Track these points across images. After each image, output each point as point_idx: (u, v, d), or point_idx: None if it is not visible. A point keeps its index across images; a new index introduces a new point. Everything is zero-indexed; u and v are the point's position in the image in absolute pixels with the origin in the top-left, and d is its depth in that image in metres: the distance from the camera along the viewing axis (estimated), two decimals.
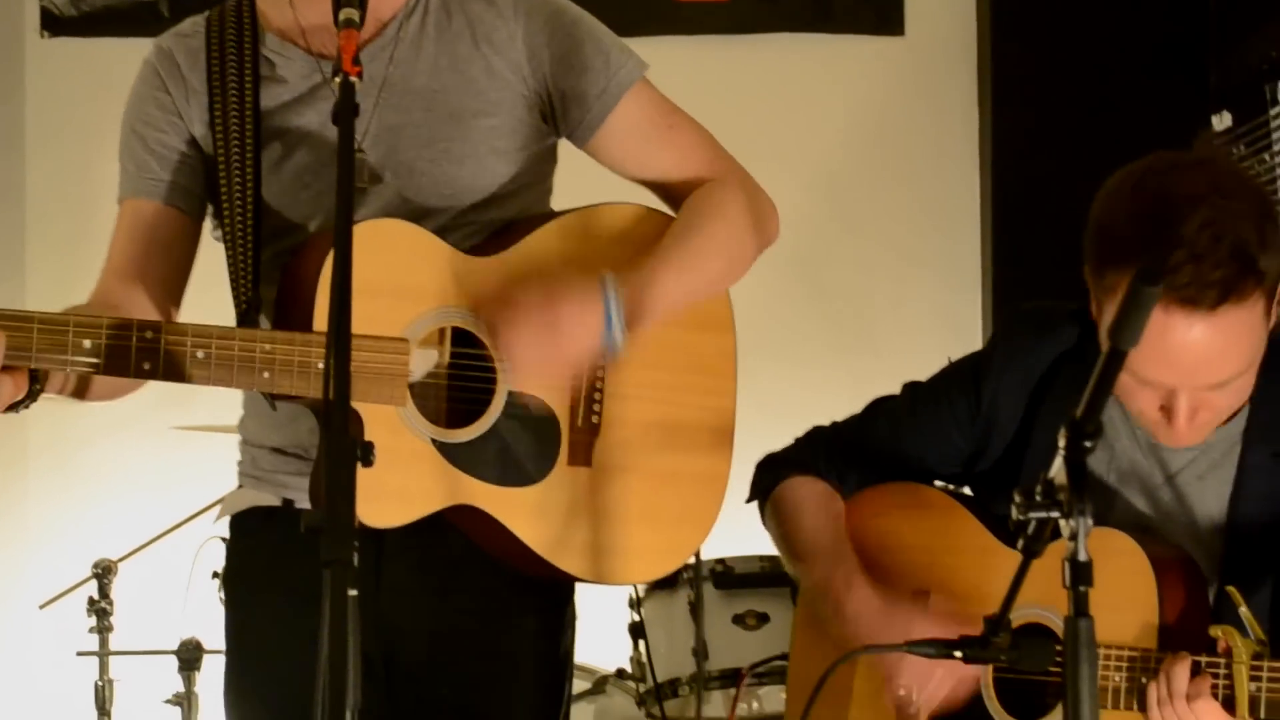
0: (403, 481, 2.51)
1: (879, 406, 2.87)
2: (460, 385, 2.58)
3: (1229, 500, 2.55)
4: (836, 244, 5.48)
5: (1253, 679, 2.30)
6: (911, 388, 2.85)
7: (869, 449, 2.84)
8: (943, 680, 2.59)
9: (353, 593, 1.97)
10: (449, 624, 2.64)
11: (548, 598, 2.70)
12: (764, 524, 2.92)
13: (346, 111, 2.13)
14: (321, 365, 2.41)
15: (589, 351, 2.53)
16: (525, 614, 2.69)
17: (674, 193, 2.72)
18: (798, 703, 2.90)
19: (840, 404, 2.94)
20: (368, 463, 2.02)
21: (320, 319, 2.44)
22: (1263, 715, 2.30)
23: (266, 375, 2.44)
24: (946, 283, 5.49)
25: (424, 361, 2.57)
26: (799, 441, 2.92)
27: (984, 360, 2.75)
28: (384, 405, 2.48)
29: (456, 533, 2.58)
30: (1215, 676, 2.32)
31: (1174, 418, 2.43)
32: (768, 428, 2.92)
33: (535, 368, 2.53)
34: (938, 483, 2.84)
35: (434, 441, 2.53)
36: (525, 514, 2.57)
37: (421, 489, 2.52)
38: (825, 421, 2.93)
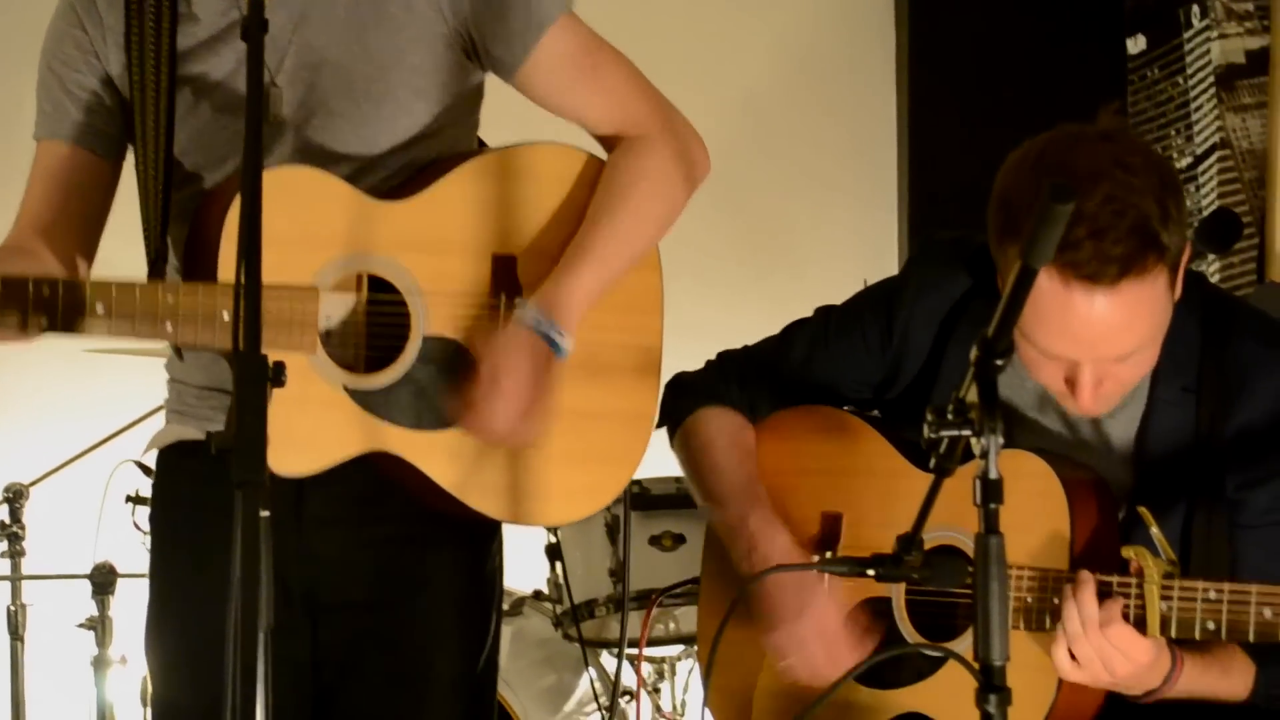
0: (314, 429, 2.50)
1: (792, 331, 2.87)
2: (374, 332, 2.57)
3: (1137, 433, 2.57)
4: (755, 168, 5.47)
5: (1164, 599, 2.32)
6: (825, 313, 2.85)
7: (781, 374, 2.84)
8: (813, 656, 2.62)
9: (264, 513, 1.96)
10: (372, 554, 2.64)
11: (472, 527, 2.69)
12: (673, 450, 2.92)
13: (255, 25, 2.07)
14: (226, 315, 2.39)
15: (550, 379, 2.54)
16: (449, 543, 2.68)
17: (601, 133, 2.70)
18: (709, 624, 2.91)
19: (759, 326, 2.94)
20: (279, 382, 2.00)
21: (224, 268, 2.42)
22: (1174, 634, 2.33)
23: (169, 326, 2.41)
24: (864, 206, 5.50)
25: (336, 308, 2.55)
26: (710, 366, 2.92)
27: (897, 289, 2.75)
28: (294, 353, 2.45)
29: (380, 467, 2.57)
30: (1127, 597, 2.34)
31: (1078, 389, 2.44)
32: (687, 350, 2.92)
33: (518, 433, 2.54)
34: (848, 407, 2.85)
35: (346, 388, 2.51)
36: (442, 458, 2.56)
37: (334, 436, 2.51)
38: (744, 343, 2.93)
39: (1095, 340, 2.38)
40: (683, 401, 2.88)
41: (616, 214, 2.61)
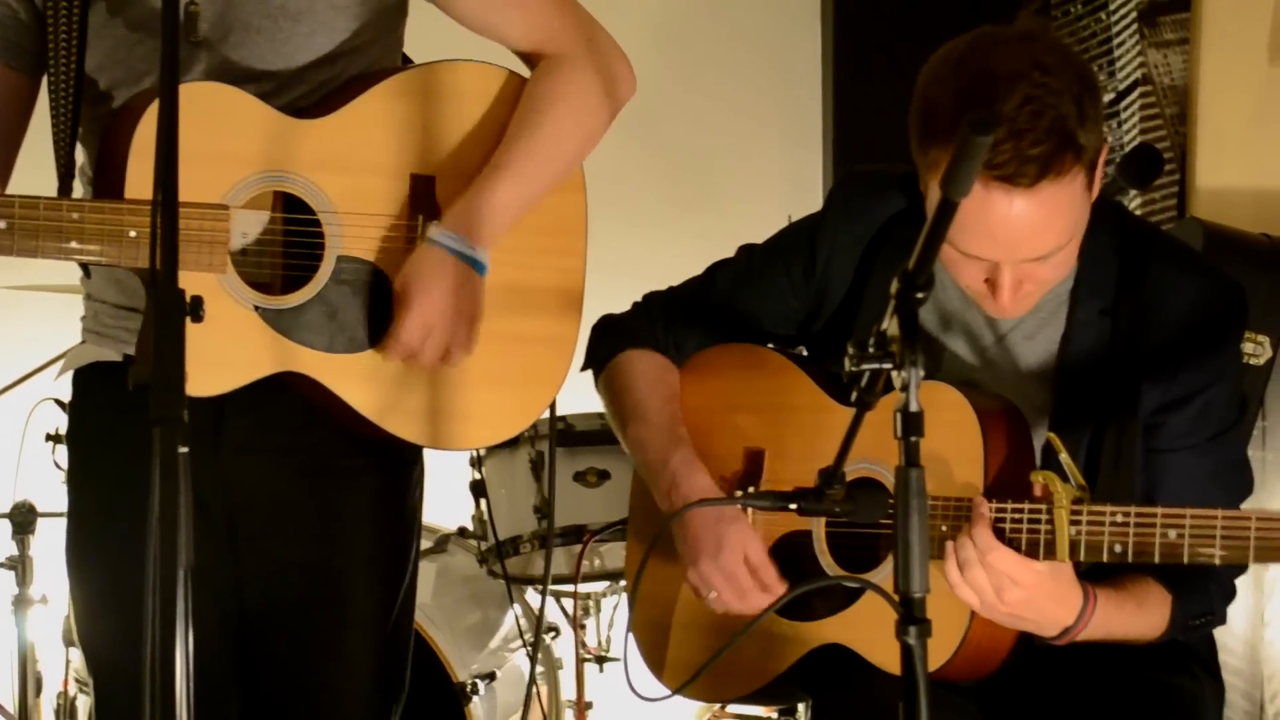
0: (224, 349, 2.47)
1: (715, 270, 2.88)
2: (288, 252, 2.55)
3: (1057, 355, 2.59)
4: (678, 102, 5.45)
5: (1073, 523, 2.33)
6: (748, 251, 2.86)
7: (706, 313, 2.85)
8: (734, 592, 2.63)
9: (183, 450, 1.94)
10: (291, 483, 2.63)
11: (393, 456, 2.69)
12: (598, 393, 2.92)
13: None
14: (134, 233, 2.36)
15: (476, 296, 2.54)
16: (369, 472, 2.68)
17: (523, 50, 2.68)
18: (635, 558, 2.93)
19: (684, 262, 2.94)
20: (197, 318, 1.98)
21: (132, 185, 2.39)
22: (1082, 557, 2.34)
23: (75, 244, 2.37)
24: (788, 142, 5.49)
25: (248, 227, 2.52)
26: (635, 307, 2.92)
27: (818, 222, 2.75)
28: (204, 273, 2.43)
29: (297, 392, 2.56)
30: (1037, 522, 2.35)
31: (998, 291, 2.45)
32: (612, 287, 2.91)
33: (454, 345, 2.54)
34: (771, 344, 2.85)
35: (257, 308, 2.49)
36: (357, 381, 2.54)
37: (244, 357, 2.49)
38: (669, 279, 2.93)
39: (1015, 241, 2.39)
40: (607, 343, 2.88)
41: (535, 131, 2.59)
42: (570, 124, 2.63)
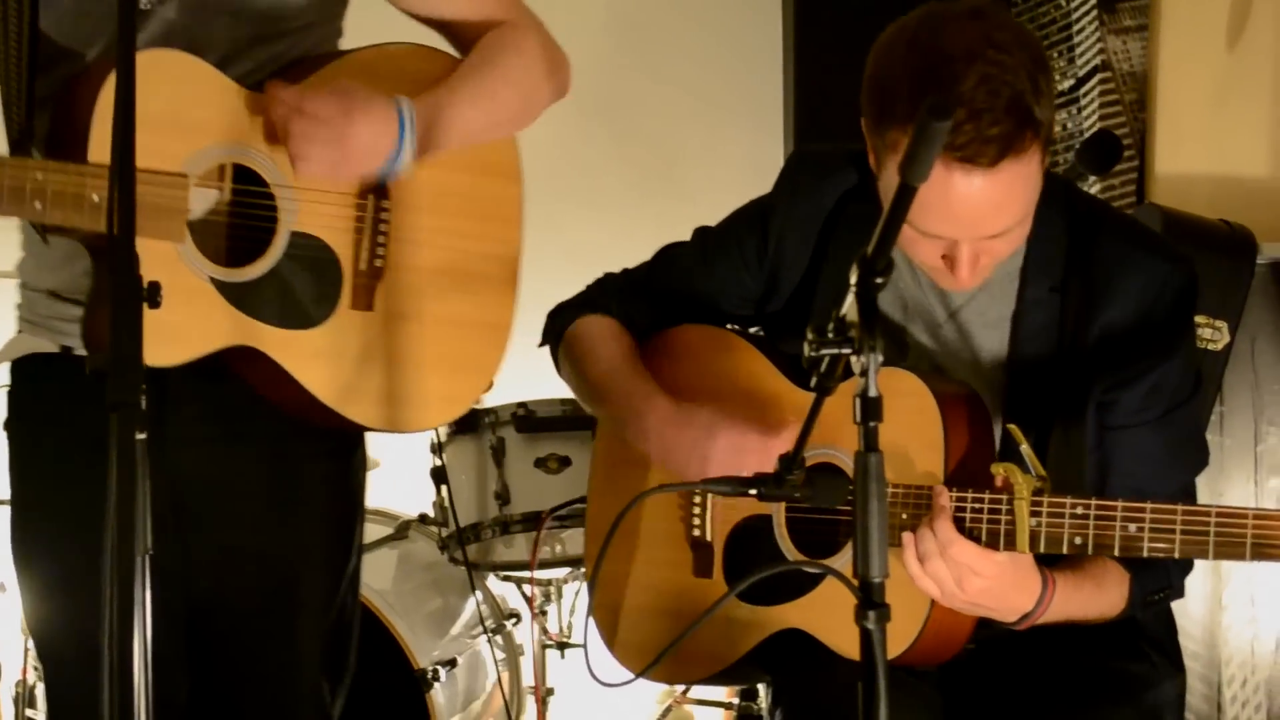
0: (179, 320, 2.45)
1: (669, 252, 2.88)
2: (241, 224, 2.54)
3: (1009, 334, 2.59)
4: (640, 88, 5.44)
5: (1033, 514, 2.33)
6: (701, 233, 2.86)
7: (661, 294, 2.85)
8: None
9: (141, 436, 1.94)
10: (237, 471, 2.63)
11: (337, 442, 2.69)
12: (557, 369, 2.92)
13: None
14: (96, 197, 2.35)
15: (377, 168, 2.51)
16: (314, 459, 2.68)
17: (465, 37, 2.69)
18: (595, 544, 2.93)
19: (647, 249, 2.94)
20: (154, 304, 1.97)
21: (95, 150, 2.37)
22: (1042, 549, 2.35)
23: (38, 205, 2.35)
24: (751, 127, 5.48)
25: (204, 198, 2.51)
26: (590, 288, 2.92)
27: (769, 202, 2.76)
28: (161, 242, 2.42)
29: (241, 380, 2.55)
30: (997, 513, 2.36)
31: (956, 266, 2.45)
32: (576, 273, 2.91)
33: (321, 175, 2.50)
34: (730, 325, 2.86)
35: (213, 280, 2.48)
36: (306, 357, 2.54)
37: (199, 328, 2.48)
38: (633, 265, 2.93)
39: (975, 220, 2.39)
40: (560, 319, 2.88)
41: (489, 71, 2.61)
42: (522, 72, 2.65)
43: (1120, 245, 2.57)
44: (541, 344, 2.92)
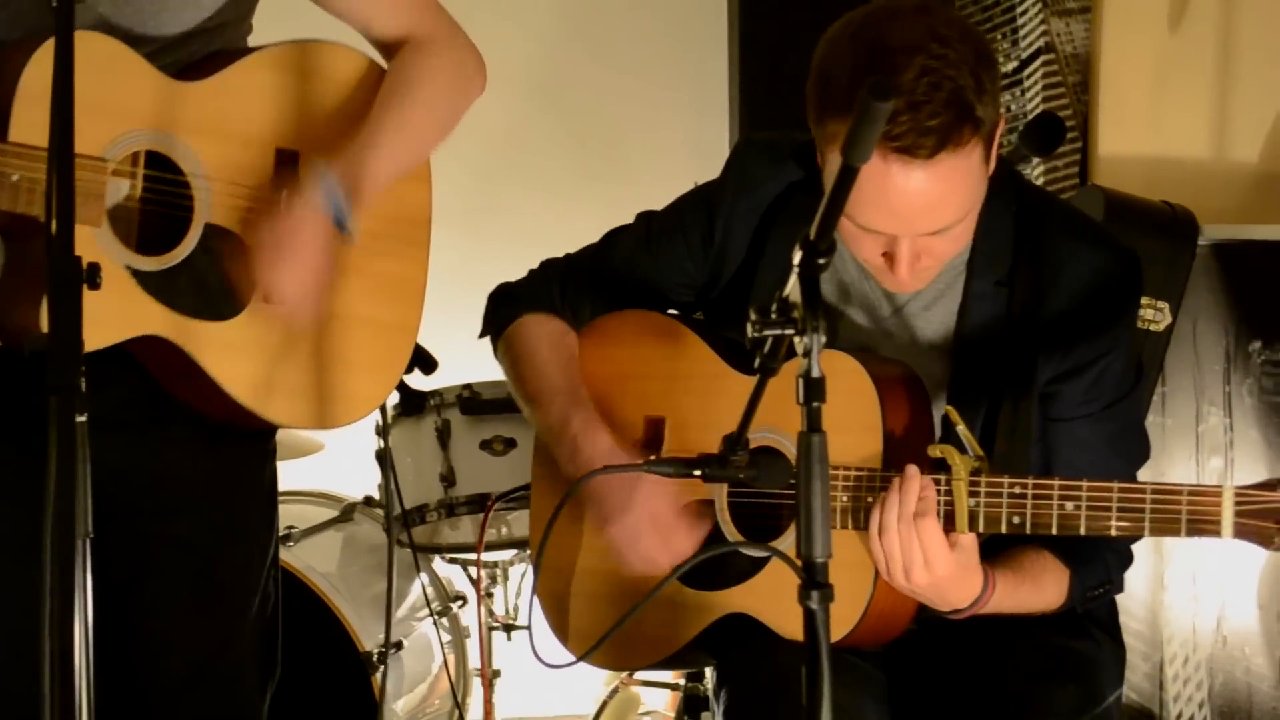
0: (96, 306, 2.41)
1: (613, 237, 2.87)
2: (157, 212, 2.52)
3: (954, 327, 2.60)
4: (585, 71, 5.43)
5: (971, 495, 2.35)
6: (646, 218, 2.85)
7: (604, 279, 2.84)
8: (648, 548, 2.63)
9: (81, 419, 1.93)
10: (158, 459, 2.61)
11: (249, 429, 2.68)
12: (496, 359, 2.91)
13: None
14: (16, 177, 2.33)
15: (328, 249, 2.53)
16: (233, 444, 2.67)
17: (385, 39, 2.69)
18: (540, 530, 2.92)
19: (592, 231, 2.93)
20: (94, 285, 1.97)
21: (17, 129, 2.34)
22: (981, 529, 2.36)
23: None
24: (695, 109, 5.48)
25: (120, 184, 2.50)
26: (532, 274, 2.90)
27: (716, 189, 2.75)
28: (79, 226, 2.40)
29: (145, 369, 2.53)
30: (937, 495, 2.37)
31: (896, 264, 2.45)
32: (519, 256, 2.90)
33: (299, 291, 2.52)
34: (670, 311, 2.85)
35: (129, 268, 2.47)
36: (219, 349, 2.53)
37: (113, 315, 2.46)
38: (577, 247, 2.92)
39: (913, 214, 2.39)
40: (504, 310, 2.87)
41: (406, 106, 2.61)
42: (438, 103, 2.66)
43: (1068, 239, 2.58)
44: (481, 334, 2.91)
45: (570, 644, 2.81)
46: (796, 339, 1.94)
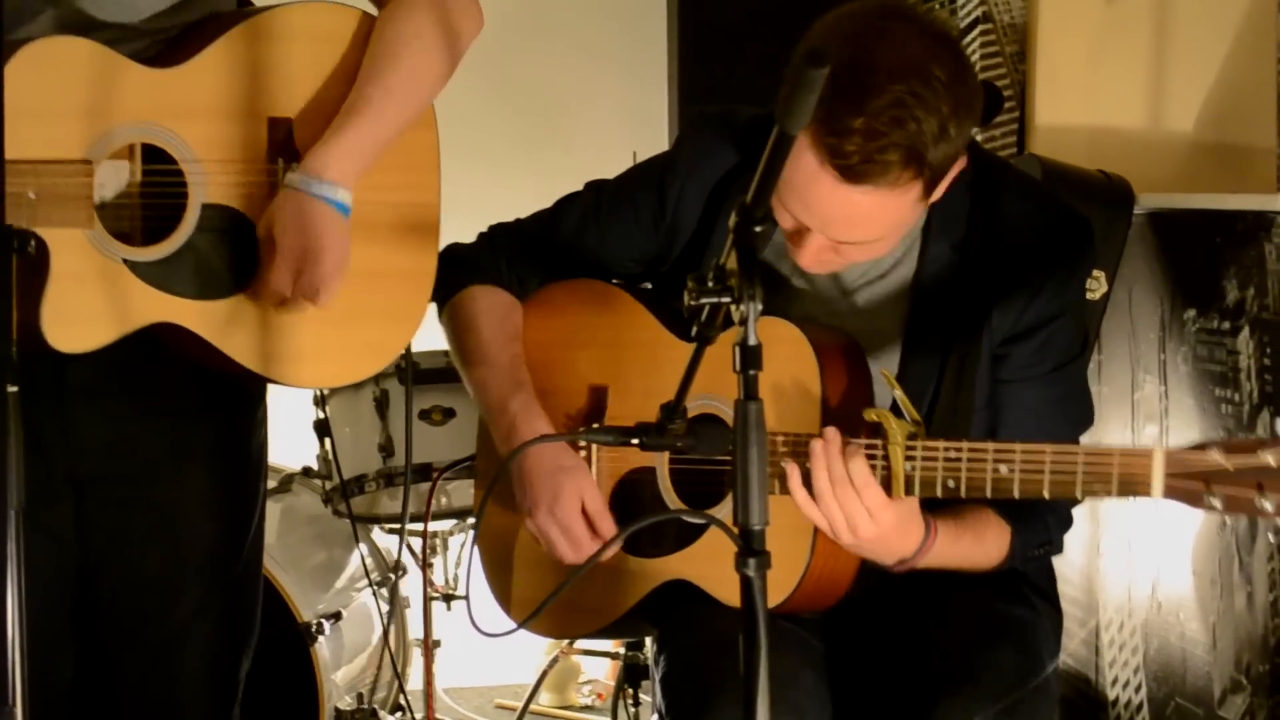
0: (95, 304, 2.45)
1: (564, 206, 2.86)
2: (153, 202, 2.52)
3: (909, 291, 2.61)
4: (524, 40, 5.42)
5: (907, 459, 2.35)
6: (596, 188, 2.84)
7: (552, 249, 2.83)
8: (560, 539, 2.63)
9: (13, 389, 1.92)
10: (134, 424, 2.61)
11: (238, 396, 2.69)
12: (440, 324, 2.90)
13: None
14: (32, 194, 2.34)
15: (343, 241, 2.52)
16: (212, 413, 2.67)
17: None
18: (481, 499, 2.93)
19: (530, 200, 2.93)
20: (24, 253, 1.96)
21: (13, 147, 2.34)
22: (917, 493, 2.36)
23: None
24: (634, 79, 5.48)
25: (111, 180, 2.49)
26: (481, 239, 2.90)
27: (669, 163, 2.75)
28: (70, 229, 2.41)
29: (153, 337, 2.53)
30: (873, 459, 2.37)
31: (801, 249, 2.46)
32: (458, 225, 2.89)
33: (323, 291, 2.51)
34: (615, 281, 2.85)
35: (126, 261, 2.47)
36: (228, 326, 2.53)
37: (116, 310, 2.47)
38: (515, 216, 2.91)
39: (829, 220, 2.40)
40: (452, 277, 2.85)
41: (391, 71, 2.58)
42: (424, 62, 2.62)
43: (1021, 204, 2.59)
44: (430, 299, 2.90)
45: (512, 611, 2.82)
46: (733, 307, 1.95)
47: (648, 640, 4.08)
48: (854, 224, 2.40)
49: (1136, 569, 3.91)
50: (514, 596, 2.82)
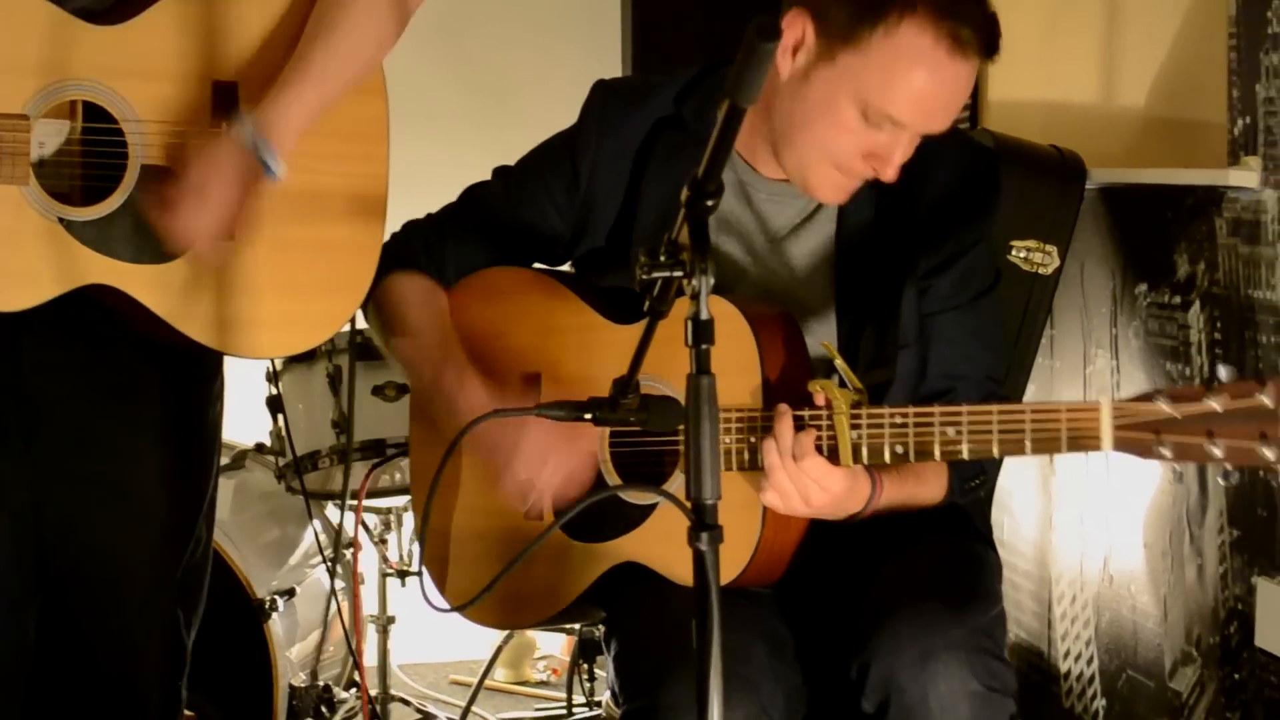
0: (28, 263, 2.44)
1: (472, 193, 2.85)
2: (91, 162, 2.50)
3: (834, 236, 2.63)
4: (477, 16, 5.40)
5: (853, 428, 2.36)
6: (503, 172, 2.83)
7: (466, 237, 2.82)
8: (557, 466, 2.61)
9: None
10: (90, 397, 2.60)
11: (192, 369, 2.67)
12: (366, 321, 2.88)
13: None
14: None
15: (257, 199, 2.50)
16: (169, 386, 2.66)
17: None
18: (420, 492, 2.89)
19: (481, 174, 2.92)
20: None
21: None
22: (865, 460, 2.37)
23: None
24: (588, 55, 5.46)
25: (49, 137, 2.47)
26: (395, 237, 2.87)
27: (575, 135, 2.74)
28: (6, 186, 2.39)
29: (101, 305, 2.51)
30: (819, 429, 2.38)
31: (889, 159, 2.49)
32: (410, 202, 2.88)
33: (201, 234, 2.49)
34: (536, 264, 2.84)
35: (62, 220, 2.44)
36: (166, 291, 2.51)
37: (49, 270, 2.45)
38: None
39: (939, 109, 2.47)
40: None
41: (332, 34, 2.56)
42: (368, 25, 2.60)
43: (932, 141, 2.60)
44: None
45: (452, 600, 2.80)
46: (685, 281, 1.95)
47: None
48: (955, 104, 2.46)
49: (1088, 542, 3.93)
50: (465, 593, 2.77)
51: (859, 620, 2.48)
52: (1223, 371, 2.09)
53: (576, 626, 4.61)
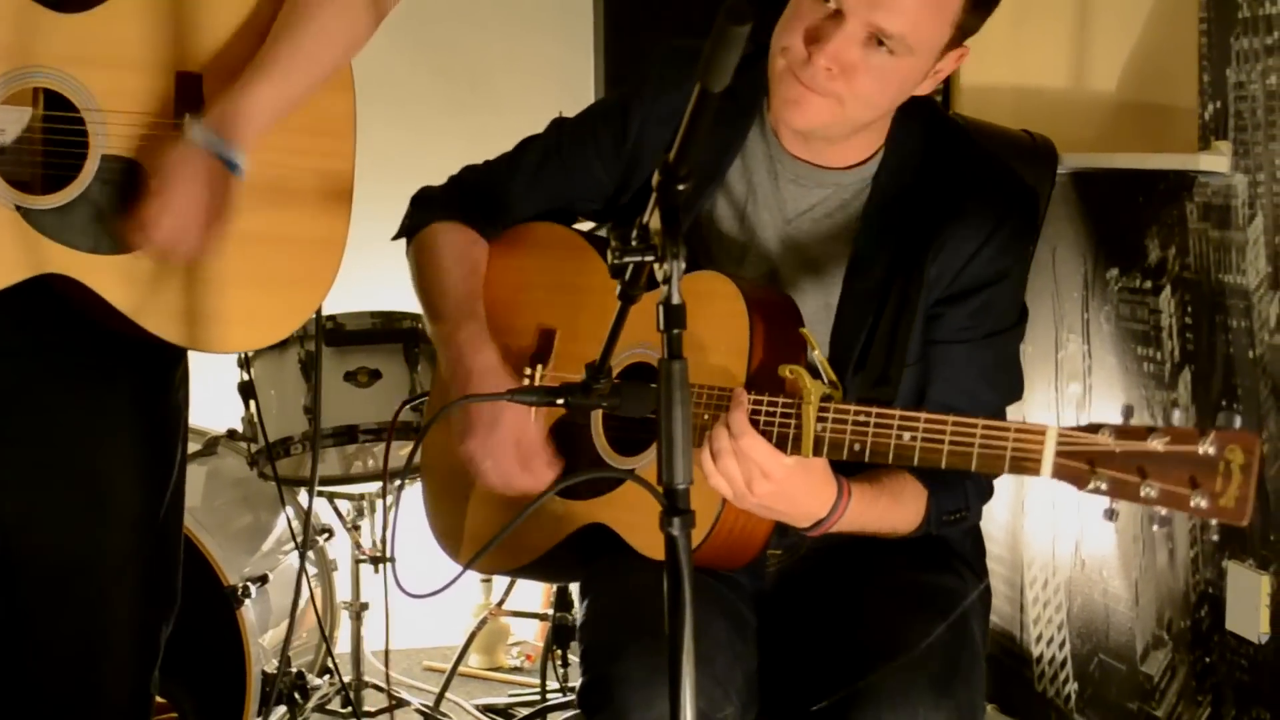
0: None
1: (527, 144, 2.86)
2: (51, 150, 2.48)
3: (853, 237, 2.61)
4: (448, 1, 5.39)
5: (819, 420, 2.33)
6: (557, 125, 2.85)
7: (514, 188, 2.83)
8: (494, 445, 2.62)
9: None
10: (49, 384, 2.58)
11: (154, 355, 2.65)
12: (407, 260, 2.89)
13: None
14: None
15: (226, 197, 2.48)
16: (129, 372, 2.64)
17: None
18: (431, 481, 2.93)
19: (455, 164, 2.92)
20: None
21: None
22: (825, 454, 2.32)
23: None
24: (560, 41, 5.45)
25: (8, 124, 2.46)
26: (451, 181, 2.89)
27: (633, 92, 2.75)
28: None
29: (64, 297, 2.50)
30: (788, 417, 2.36)
31: (820, 45, 2.44)
32: (382, 189, 2.88)
33: (193, 247, 2.47)
34: (580, 220, 2.86)
35: (19, 208, 2.43)
36: (123, 283, 2.50)
37: (7, 257, 2.44)
38: (440, 179, 2.90)
39: None
40: (419, 215, 2.86)
41: (299, 31, 2.55)
42: (335, 25, 2.59)
43: (975, 167, 2.60)
44: (396, 236, 2.89)
45: (450, 545, 2.85)
46: (656, 266, 1.94)
47: (575, 602, 4.09)
48: (898, 2, 2.41)
49: (1060, 527, 3.94)
50: (459, 532, 2.82)
51: (834, 657, 2.49)
52: (1221, 417, 2.04)
53: (550, 612, 4.61)
